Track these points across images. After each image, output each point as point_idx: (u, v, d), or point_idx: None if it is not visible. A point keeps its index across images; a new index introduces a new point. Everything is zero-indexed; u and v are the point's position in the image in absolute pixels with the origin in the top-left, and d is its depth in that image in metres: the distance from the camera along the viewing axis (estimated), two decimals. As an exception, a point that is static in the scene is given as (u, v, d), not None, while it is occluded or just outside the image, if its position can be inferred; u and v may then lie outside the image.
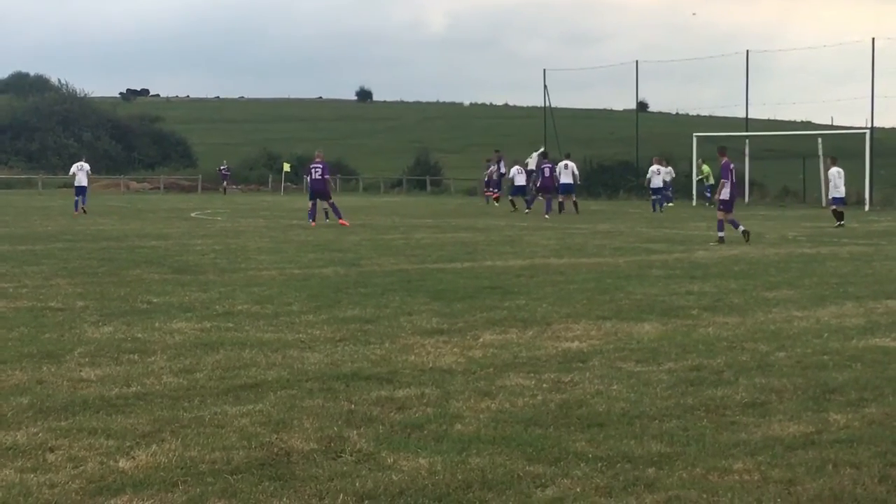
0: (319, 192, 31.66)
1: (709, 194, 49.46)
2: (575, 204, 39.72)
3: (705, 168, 50.42)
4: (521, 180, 43.51)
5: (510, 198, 43.61)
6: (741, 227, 24.65)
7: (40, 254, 20.00)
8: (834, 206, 33.21)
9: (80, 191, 38.57)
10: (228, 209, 43.62)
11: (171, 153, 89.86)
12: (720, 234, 24.44)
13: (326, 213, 32.15)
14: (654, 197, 43.63)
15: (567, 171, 39.93)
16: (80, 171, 39.16)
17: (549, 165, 38.67)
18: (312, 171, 31.87)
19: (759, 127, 63.56)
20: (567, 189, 39.71)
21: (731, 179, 25.01)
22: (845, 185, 34.22)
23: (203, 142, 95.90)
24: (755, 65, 61.17)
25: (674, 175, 50.41)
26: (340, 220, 30.43)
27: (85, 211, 37.08)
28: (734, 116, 62.78)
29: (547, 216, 35.86)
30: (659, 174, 44.19)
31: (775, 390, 8.25)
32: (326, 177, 32.10)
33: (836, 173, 33.75)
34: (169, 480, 5.88)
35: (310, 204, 31.49)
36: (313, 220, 30.76)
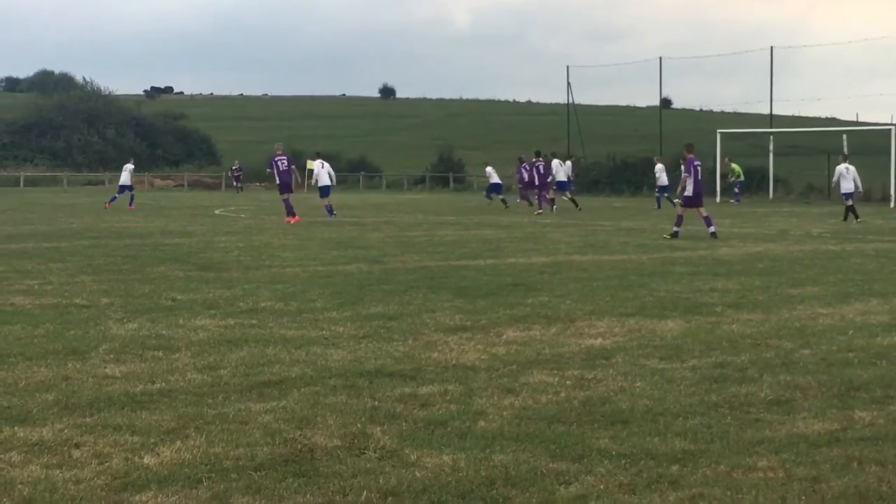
0: (288, 184, 32.06)
1: (738, 191, 49.59)
2: (573, 200, 40.96)
3: (735, 167, 50.43)
4: (496, 178, 45.16)
5: (484, 193, 45.82)
6: (676, 229, 24.94)
7: (65, 251, 20.10)
8: (849, 202, 33.52)
9: (121, 189, 41.06)
10: (252, 206, 43.73)
11: (195, 151, 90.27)
12: (711, 228, 24.79)
13: (330, 209, 32.54)
14: (657, 194, 45.10)
15: (562, 169, 41.44)
16: (125, 172, 41.53)
17: (527, 166, 40.28)
18: (279, 163, 32.04)
19: (783, 123, 63.41)
20: (563, 186, 41.04)
21: (695, 176, 25.22)
22: (861, 181, 34.42)
23: (226, 139, 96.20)
24: (780, 61, 61.07)
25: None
26: (288, 219, 30.52)
27: (106, 206, 38.21)
28: (758, 113, 62.76)
29: (541, 211, 38.04)
30: (663, 172, 44.96)
31: (800, 387, 8.22)
32: (292, 167, 32.76)
33: (843, 170, 34.19)
34: (193, 477, 5.90)
35: (283, 199, 31.65)
36: (292, 216, 30.75)
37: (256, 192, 64.81)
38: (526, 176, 40.84)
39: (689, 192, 25.32)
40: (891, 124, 50.63)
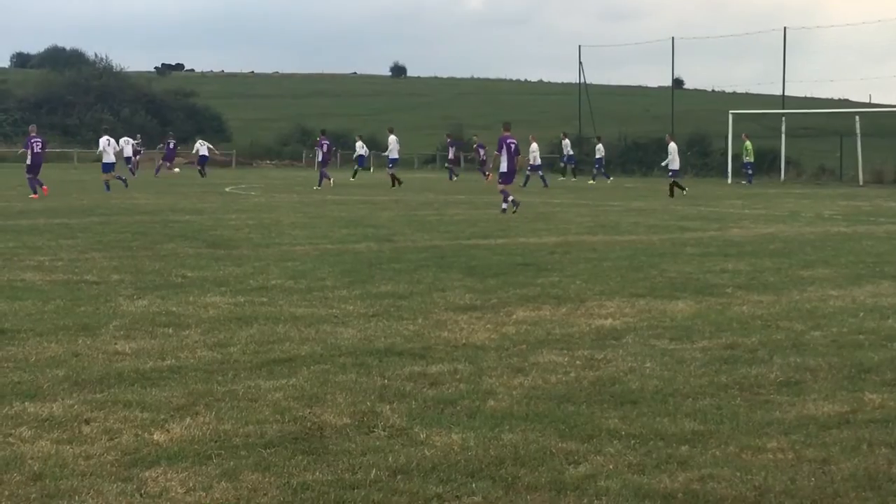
0: (39, 164, 33.04)
1: (750, 172, 49.58)
2: (393, 177, 42.83)
3: (748, 145, 50.45)
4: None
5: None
6: (511, 199, 26.05)
7: (76, 227, 20.13)
8: (674, 179, 36.33)
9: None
10: (262, 184, 43.74)
11: (206, 128, 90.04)
12: (503, 205, 26.05)
13: (109, 183, 35.51)
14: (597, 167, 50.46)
15: (396, 147, 45.37)
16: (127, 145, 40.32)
17: (326, 142, 43.66)
18: (34, 145, 33.03)
19: (795, 105, 63.22)
20: (394, 162, 44.76)
21: (508, 154, 26.47)
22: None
23: (237, 117, 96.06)
24: (793, 42, 61.00)
25: (603, 153, 52.94)
26: (34, 195, 31.30)
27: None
28: (771, 94, 62.54)
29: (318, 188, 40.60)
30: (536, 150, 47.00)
31: (810, 369, 8.21)
32: (46, 150, 34.80)
33: (673, 149, 37.31)
34: (203, 453, 5.91)
35: (29, 177, 32.37)
36: (36, 193, 31.40)
37: (266, 170, 64.71)
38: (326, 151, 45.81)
39: (503, 168, 26.59)
40: (904, 106, 50.41)
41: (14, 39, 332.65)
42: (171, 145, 55.76)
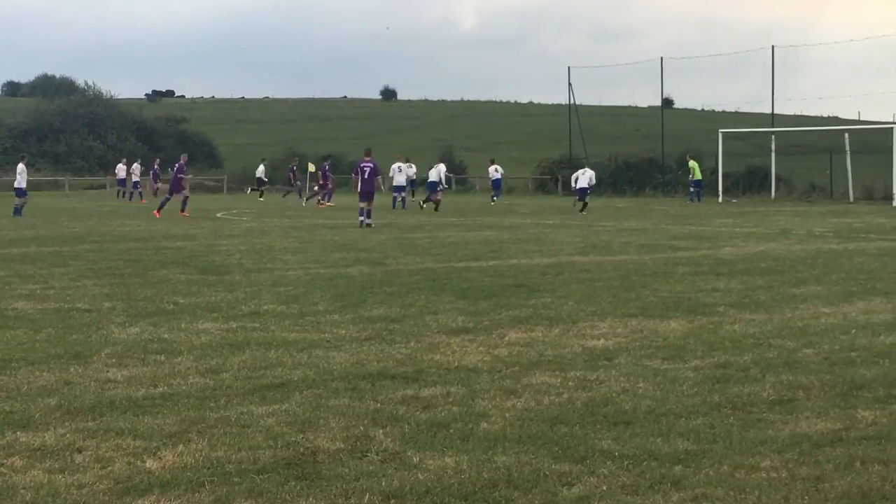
0: None
1: (693, 190, 50.07)
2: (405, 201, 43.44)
3: (692, 164, 50.96)
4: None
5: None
6: (362, 219, 29.92)
7: (67, 255, 20.10)
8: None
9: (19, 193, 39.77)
10: (254, 210, 43.75)
11: (197, 154, 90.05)
12: (360, 218, 29.97)
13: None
14: (395, 195, 45.65)
15: (401, 175, 44.69)
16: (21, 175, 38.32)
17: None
18: None
19: (786, 123, 63.40)
20: (399, 189, 44.86)
21: (362, 176, 31.11)
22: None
23: (228, 142, 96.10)
24: (782, 60, 60.91)
25: (414, 175, 51.42)
26: None
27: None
28: (760, 112, 62.73)
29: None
30: (401, 171, 45.57)
31: (802, 387, 8.21)
32: None
33: (493, 171, 39.76)
34: (196, 480, 5.90)
35: None
36: None
37: (258, 195, 64.58)
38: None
39: (359, 188, 31.02)
40: (892, 123, 50.64)
41: (4, 68, 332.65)
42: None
